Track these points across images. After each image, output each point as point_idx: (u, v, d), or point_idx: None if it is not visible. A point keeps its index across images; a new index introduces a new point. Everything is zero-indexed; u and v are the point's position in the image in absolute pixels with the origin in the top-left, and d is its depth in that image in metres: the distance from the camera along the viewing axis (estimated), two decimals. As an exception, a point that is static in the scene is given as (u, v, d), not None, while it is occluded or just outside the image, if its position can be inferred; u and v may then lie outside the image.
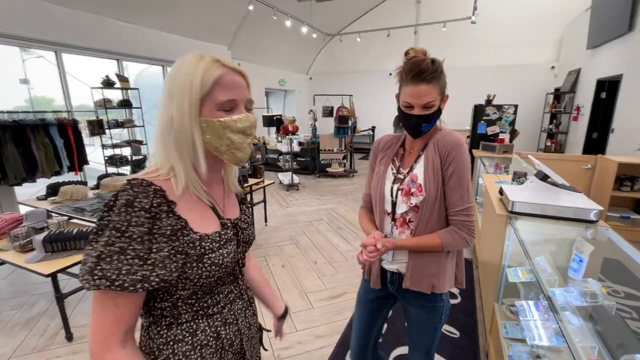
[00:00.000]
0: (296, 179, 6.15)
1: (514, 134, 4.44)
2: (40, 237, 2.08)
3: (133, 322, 0.60)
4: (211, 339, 0.69)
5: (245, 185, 3.53)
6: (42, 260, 2.02)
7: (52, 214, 2.59)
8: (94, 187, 3.27)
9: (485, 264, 2.50)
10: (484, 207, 2.95)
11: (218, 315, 0.71)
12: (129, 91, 5.03)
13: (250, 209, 0.87)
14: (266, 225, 4.18)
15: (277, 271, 3.02)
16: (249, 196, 3.75)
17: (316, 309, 2.46)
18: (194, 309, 0.67)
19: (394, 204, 1.11)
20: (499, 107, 4.36)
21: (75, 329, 2.20)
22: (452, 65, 8.63)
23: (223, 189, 0.77)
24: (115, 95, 4.94)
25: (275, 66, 9.05)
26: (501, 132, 4.37)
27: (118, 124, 4.93)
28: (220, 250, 0.66)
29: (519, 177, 2.16)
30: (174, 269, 0.60)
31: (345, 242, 3.67)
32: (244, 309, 0.77)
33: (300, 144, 6.85)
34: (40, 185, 4.02)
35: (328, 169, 7.08)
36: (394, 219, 1.12)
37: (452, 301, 2.50)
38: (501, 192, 2.01)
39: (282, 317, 1.00)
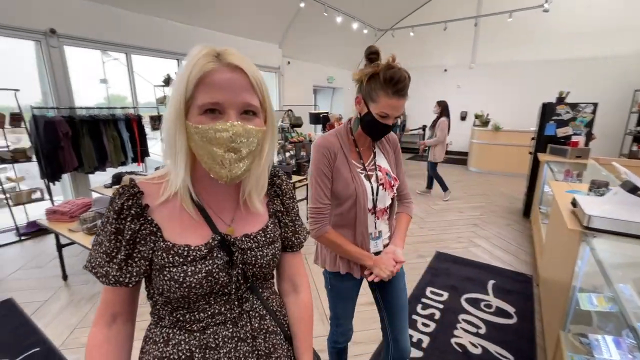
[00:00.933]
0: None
1: (590, 136, 3.88)
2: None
3: (120, 309, 0.63)
4: (182, 355, 0.61)
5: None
6: (104, 243, 2.21)
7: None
8: (153, 177, 3.53)
9: (548, 283, 2.21)
10: (550, 218, 2.61)
11: (198, 334, 0.62)
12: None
13: (289, 224, 0.77)
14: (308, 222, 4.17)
15: (315, 269, 2.98)
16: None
17: (354, 314, 2.37)
18: (172, 317, 0.63)
19: (374, 200, 1.17)
20: (574, 106, 3.84)
21: (130, 308, 2.38)
22: (517, 60, 7.91)
23: (236, 200, 0.68)
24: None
25: (324, 63, 9.03)
26: (574, 134, 3.85)
27: (176, 120, 5.28)
28: (184, 267, 0.58)
29: (598, 187, 1.85)
30: (134, 273, 0.59)
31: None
32: (235, 339, 0.64)
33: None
34: (110, 174, 4.47)
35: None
36: (374, 213, 1.19)
37: (507, 321, 2.25)
38: (574, 203, 1.74)
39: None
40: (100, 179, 4.49)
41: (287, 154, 5.43)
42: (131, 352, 0.67)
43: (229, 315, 0.64)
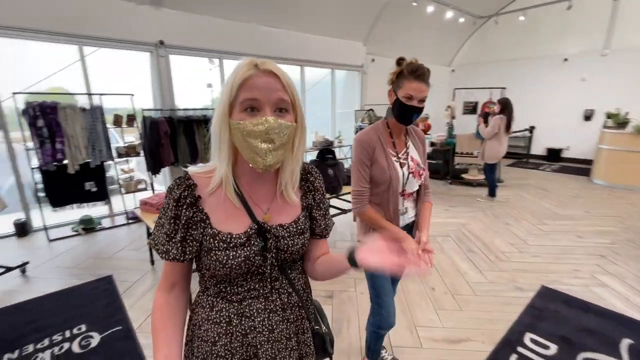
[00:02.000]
0: (423, 183, 5.49)
1: None
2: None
3: (178, 279, 0.76)
4: (223, 320, 0.74)
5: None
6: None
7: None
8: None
9: None
10: None
11: (236, 304, 0.74)
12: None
13: (316, 220, 0.84)
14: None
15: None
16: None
17: (425, 350, 1.99)
18: (215, 288, 0.75)
19: (403, 184, 1.41)
20: None
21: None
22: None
23: (273, 192, 0.78)
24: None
25: (412, 58, 8.41)
26: None
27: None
28: (227, 252, 0.69)
29: None
30: (187, 252, 0.71)
31: (476, 271, 2.95)
32: (267, 310, 0.75)
33: (432, 144, 6.12)
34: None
35: (464, 176, 6.08)
36: (403, 195, 1.44)
37: (544, 352, 1.58)
38: None
39: (352, 263, 0.71)
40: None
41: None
42: (186, 313, 0.80)
43: (261, 291, 0.75)
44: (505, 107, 4.56)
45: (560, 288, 2.62)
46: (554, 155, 7.92)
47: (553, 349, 1.97)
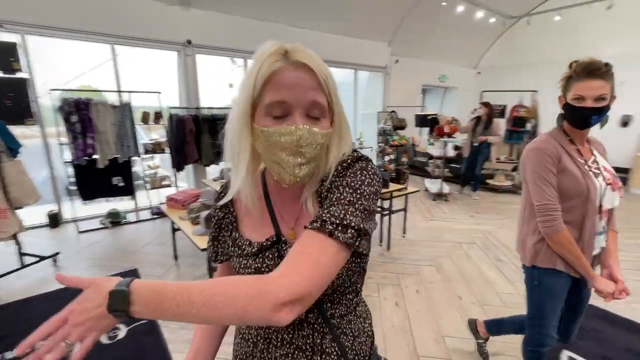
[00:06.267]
0: (446, 188, 5.35)
1: None
2: (204, 213, 2.42)
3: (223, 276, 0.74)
4: (250, 339, 0.67)
5: (385, 190, 3.21)
6: (204, 235, 2.34)
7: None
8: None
9: None
10: None
11: (264, 327, 0.65)
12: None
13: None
14: (404, 236, 3.74)
15: (409, 295, 2.58)
16: (387, 202, 3.41)
17: (458, 365, 1.90)
18: None
19: (600, 198, 1.17)
20: None
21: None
22: None
23: (301, 205, 0.64)
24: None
25: (437, 60, 8.21)
26: None
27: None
28: (240, 259, 0.65)
29: None
30: (219, 253, 0.71)
31: (505, 279, 2.81)
32: (293, 345, 0.62)
33: (456, 148, 5.94)
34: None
35: (489, 181, 5.87)
36: (600, 212, 1.19)
37: None
38: None
39: None
40: (216, 171, 5.04)
41: (387, 158, 5.04)
42: None
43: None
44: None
45: (600, 305, 2.45)
46: (586, 162, 7.55)
47: (594, 369, 1.83)
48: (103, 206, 4.03)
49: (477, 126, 5.03)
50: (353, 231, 0.53)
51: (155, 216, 4.28)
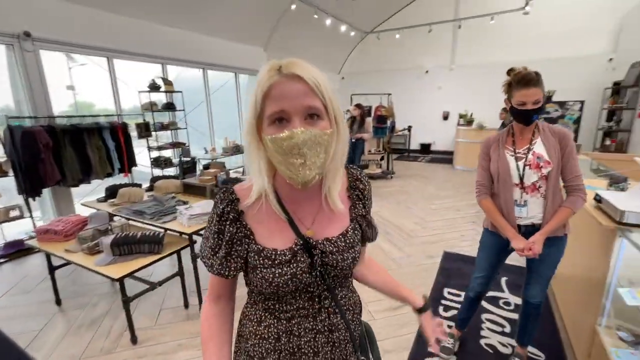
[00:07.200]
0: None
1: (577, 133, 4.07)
2: (108, 240, 2.09)
3: (223, 292, 0.76)
4: (271, 337, 0.72)
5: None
6: (110, 264, 2.03)
7: (114, 216, 2.63)
8: (147, 189, 3.31)
9: (573, 280, 2.24)
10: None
11: (285, 322, 0.71)
12: (172, 94, 5.13)
13: (365, 231, 0.80)
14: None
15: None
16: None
17: (378, 321, 2.32)
18: (264, 305, 0.73)
19: (521, 176, 1.52)
20: (562, 104, 4.01)
21: (139, 331, 2.19)
22: (500, 61, 8.13)
23: (318, 205, 0.72)
24: (159, 98, 5.06)
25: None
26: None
27: (163, 127, 5.04)
28: (272, 269, 0.66)
29: (617, 182, 1.91)
30: (232, 268, 0.70)
31: (396, 248, 3.50)
32: (314, 331, 0.72)
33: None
34: (93, 186, 4.17)
35: (365, 171, 6.91)
36: (522, 187, 1.54)
37: (459, 299, 2.27)
38: (599, 199, 1.77)
39: (423, 310, 0.90)
40: (83, 191, 4.19)
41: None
42: (232, 322, 0.80)
43: (310, 310, 0.71)
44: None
45: (456, 250, 3.38)
46: (425, 149, 9.74)
47: (463, 295, 2.57)
48: None
49: (353, 125, 5.84)
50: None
51: (1, 260, 3.27)
